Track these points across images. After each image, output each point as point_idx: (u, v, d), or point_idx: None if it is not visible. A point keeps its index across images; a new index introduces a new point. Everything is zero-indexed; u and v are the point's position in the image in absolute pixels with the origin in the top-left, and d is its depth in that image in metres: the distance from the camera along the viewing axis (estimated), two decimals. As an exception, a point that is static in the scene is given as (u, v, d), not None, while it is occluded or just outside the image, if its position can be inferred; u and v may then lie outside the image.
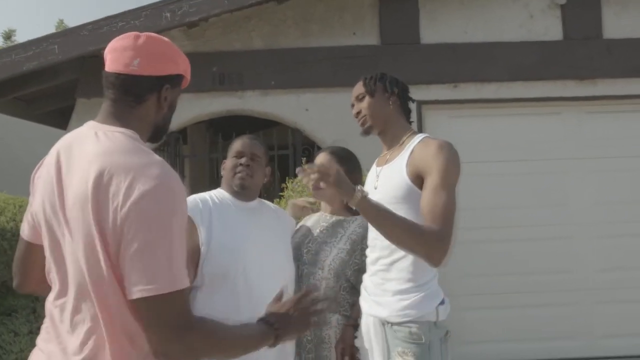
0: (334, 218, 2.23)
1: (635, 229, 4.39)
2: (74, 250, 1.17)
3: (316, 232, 2.22)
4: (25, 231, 1.38)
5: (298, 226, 2.33)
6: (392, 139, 1.99)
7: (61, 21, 14.38)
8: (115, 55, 1.31)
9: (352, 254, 2.13)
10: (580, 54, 4.44)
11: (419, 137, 1.91)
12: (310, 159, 3.95)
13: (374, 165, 2.10)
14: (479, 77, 4.39)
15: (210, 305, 1.86)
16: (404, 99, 2.02)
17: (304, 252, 2.17)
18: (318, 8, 4.48)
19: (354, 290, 2.12)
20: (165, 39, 1.37)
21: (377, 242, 1.93)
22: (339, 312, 2.11)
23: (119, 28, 3.89)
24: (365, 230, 2.15)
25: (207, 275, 1.90)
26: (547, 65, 4.42)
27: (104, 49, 1.36)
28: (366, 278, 2.01)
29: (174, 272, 1.13)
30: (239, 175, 2.05)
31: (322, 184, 1.72)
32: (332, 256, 2.12)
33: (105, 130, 1.25)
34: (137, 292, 1.10)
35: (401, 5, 4.47)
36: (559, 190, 4.41)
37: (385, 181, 1.93)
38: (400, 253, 1.83)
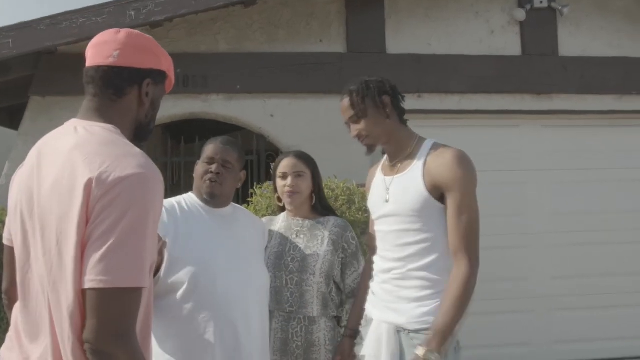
0: (307, 222, 2.23)
1: (589, 238, 4.58)
2: (42, 248, 1.11)
3: (293, 238, 2.19)
4: (5, 235, 1.32)
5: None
6: (398, 149, 1.94)
7: None
8: (95, 51, 1.29)
9: (335, 253, 2.16)
10: (537, 70, 4.60)
11: (428, 145, 1.87)
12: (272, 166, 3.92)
13: (380, 174, 2.02)
14: (442, 89, 4.48)
15: (182, 314, 1.80)
16: (396, 101, 1.94)
17: (288, 260, 2.14)
18: (285, 14, 4.46)
19: (339, 289, 2.18)
20: (147, 35, 1.35)
21: (388, 254, 1.89)
22: (327, 315, 2.13)
23: (79, 24, 3.73)
24: (342, 229, 2.20)
25: (171, 285, 1.81)
26: (507, 79, 4.56)
27: (62, 45, 1.35)
28: (375, 285, 1.96)
29: (137, 267, 1.06)
30: (207, 183, 1.98)
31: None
32: (322, 260, 2.13)
33: (85, 125, 1.22)
34: (90, 281, 1.03)
35: (368, 14, 4.51)
36: (517, 200, 4.54)
37: (400, 193, 1.86)
38: (417, 264, 1.80)
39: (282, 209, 2.32)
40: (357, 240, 2.26)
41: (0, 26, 3.68)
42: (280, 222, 2.28)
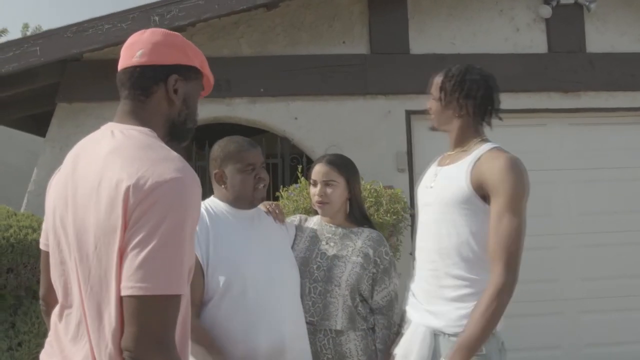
0: (340, 230, 2.12)
1: (618, 238, 4.48)
2: (79, 253, 1.10)
3: (322, 245, 2.10)
4: (42, 240, 1.32)
5: (297, 222, 2.23)
6: (457, 142, 1.93)
7: (26, 25, 13.95)
8: (124, 54, 1.28)
9: (366, 267, 2.04)
10: (564, 67, 4.53)
11: (488, 146, 1.84)
12: (303, 169, 3.90)
13: (435, 164, 2.04)
14: (466, 88, 4.42)
15: (221, 321, 1.78)
16: (482, 107, 1.89)
17: (314, 268, 2.05)
18: (307, 16, 4.45)
19: (366, 303, 2.07)
20: (174, 32, 1.32)
21: (424, 245, 1.88)
22: (357, 328, 2.02)
23: (104, 31, 3.77)
24: (376, 243, 2.10)
25: (209, 291, 1.80)
26: (533, 78, 4.49)
27: (88, 52, 1.34)
28: (414, 285, 1.95)
29: (174, 274, 1.04)
30: (260, 190, 1.96)
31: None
32: (348, 271, 2.02)
33: (122, 128, 1.21)
34: (129, 288, 1.01)
35: (390, 15, 4.48)
36: (544, 201, 4.47)
37: (444, 182, 1.86)
38: (454, 259, 1.77)
39: (317, 212, 2.22)
40: (392, 256, 2.15)
41: (27, 35, 3.72)
42: (313, 224, 2.20)
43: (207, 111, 4.29)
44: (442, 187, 1.86)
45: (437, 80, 1.95)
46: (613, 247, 4.47)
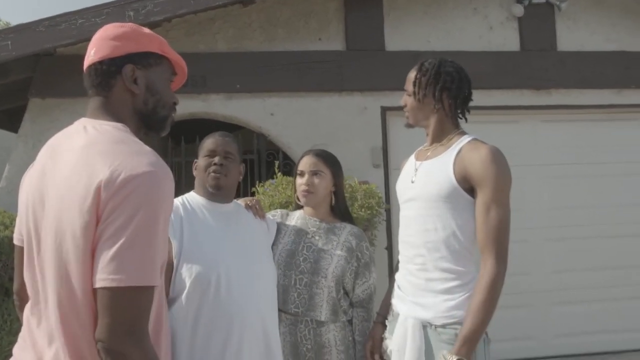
0: (324, 224, 2.18)
1: (588, 232, 4.61)
2: (53, 247, 1.11)
3: (308, 237, 2.15)
4: (16, 235, 1.32)
5: (278, 218, 2.25)
6: (435, 136, 1.93)
7: (7, 24, 13.60)
8: (86, 56, 1.30)
9: (349, 261, 2.11)
10: (536, 65, 4.62)
11: (466, 138, 1.85)
12: (279, 165, 3.92)
13: (412, 158, 2.03)
14: (441, 85, 4.48)
15: (195, 315, 1.78)
16: (459, 100, 1.90)
17: (300, 260, 2.10)
18: (284, 12, 4.46)
19: (347, 296, 2.13)
20: (128, 23, 1.32)
21: (412, 239, 1.88)
22: (336, 322, 2.08)
23: (78, 25, 3.73)
24: (358, 238, 2.16)
25: (181, 287, 1.80)
26: (505, 75, 4.58)
27: (61, 46, 1.35)
28: (400, 277, 1.94)
29: (147, 266, 1.06)
30: (212, 175, 1.95)
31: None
32: (334, 264, 2.08)
33: (95, 124, 1.22)
34: (102, 280, 1.03)
35: (366, 12, 4.51)
36: (516, 196, 4.53)
37: (426, 177, 1.86)
38: (441, 252, 1.78)
39: (300, 207, 2.27)
40: (371, 251, 2.23)
41: (-1, 29, 3.66)
42: (296, 219, 2.23)
43: (183, 107, 4.26)
44: (425, 182, 1.85)
45: (411, 75, 1.94)
46: (582, 241, 4.60)
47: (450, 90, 1.88)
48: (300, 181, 2.17)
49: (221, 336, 1.77)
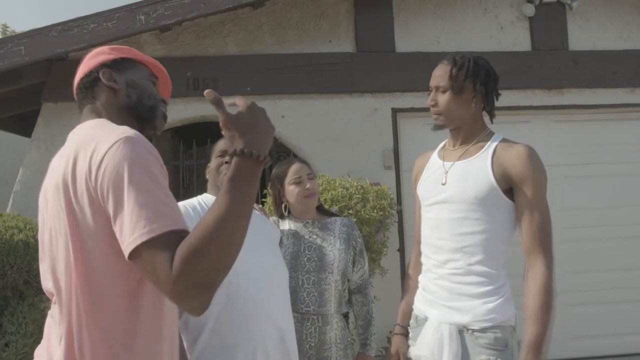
0: (317, 222, 2.28)
1: (602, 233, 4.56)
2: (58, 243, 1.15)
3: (307, 238, 2.24)
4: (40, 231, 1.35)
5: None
6: (467, 136, 1.83)
7: (5, 25, 13.68)
8: None
9: (347, 251, 2.23)
10: (547, 65, 4.59)
11: (498, 137, 1.80)
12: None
13: (437, 159, 1.92)
14: (452, 86, 4.46)
15: (211, 316, 1.78)
16: (490, 95, 1.81)
17: (304, 260, 2.19)
18: (294, 15, 4.47)
19: (346, 285, 2.26)
20: (103, 47, 1.43)
21: (444, 244, 1.80)
22: (340, 312, 2.19)
23: (90, 30, 3.76)
24: (350, 228, 2.27)
25: None
26: (517, 75, 4.54)
27: (73, 51, 1.42)
28: (429, 282, 1.86)
29: (167, 212, 1.02)
30: (224, 174, 1.95)
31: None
32: (338, 258, 2.19)
33: (81, 124, 1.30)
34: (134, 240, 0.99)
35: (376, 14, 4.51)
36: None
37: (461, 178, 1.78)
38: (477, 257, 1.73)
39: (282, 216, 2.33)
40: (362, 238, 2.35)
41: (12, 35, 3.69)
42: (288, 224, 2.30)
43: (194, 110, 4.30)
44: (460, 183, 1.78)
45: (444, 68, 1.81)
46: (596, 242, 4.55)
47: (488, 84, 1.79)
48: (301, 187, 2.24)
49: (240, 331, 1.77)
